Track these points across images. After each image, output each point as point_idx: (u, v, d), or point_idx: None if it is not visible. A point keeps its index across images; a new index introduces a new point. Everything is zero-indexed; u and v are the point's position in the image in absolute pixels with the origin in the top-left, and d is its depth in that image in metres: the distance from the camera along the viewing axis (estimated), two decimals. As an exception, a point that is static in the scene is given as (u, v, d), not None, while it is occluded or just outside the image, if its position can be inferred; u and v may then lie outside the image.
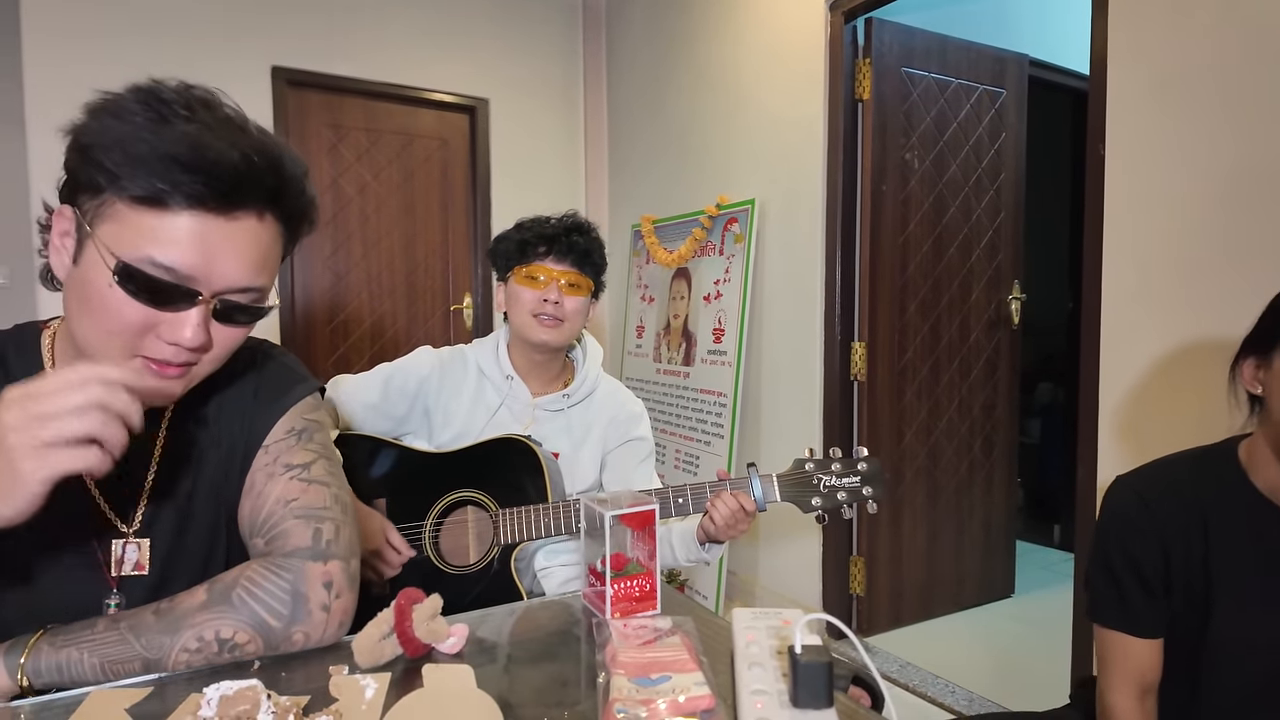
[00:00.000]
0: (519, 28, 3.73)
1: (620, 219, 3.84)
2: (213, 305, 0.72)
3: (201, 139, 0.67)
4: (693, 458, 3.04)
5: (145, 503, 0.82)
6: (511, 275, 1.42)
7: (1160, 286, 1.74)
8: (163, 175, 0.66)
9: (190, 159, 0.66)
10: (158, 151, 0.65)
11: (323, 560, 0.79)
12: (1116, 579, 1.05)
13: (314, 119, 3.32)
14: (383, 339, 3.53)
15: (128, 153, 0.66)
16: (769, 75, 2.87)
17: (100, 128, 0.67)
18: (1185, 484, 1.03)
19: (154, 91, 0.69)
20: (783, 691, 0.64)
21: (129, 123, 0.66)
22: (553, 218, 1.43)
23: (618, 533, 0.88)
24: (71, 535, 0.79)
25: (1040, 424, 4.07)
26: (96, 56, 2.81)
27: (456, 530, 1.33)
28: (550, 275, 1.38)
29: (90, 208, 0.69)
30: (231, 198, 0.69)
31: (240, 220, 0.71)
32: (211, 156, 0.67)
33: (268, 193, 0.73)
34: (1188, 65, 1.67)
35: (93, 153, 0.67)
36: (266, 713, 0.59)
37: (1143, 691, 1.05)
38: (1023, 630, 2.77)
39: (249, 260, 0.72)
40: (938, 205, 2.76)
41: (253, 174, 0.70)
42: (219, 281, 0.71)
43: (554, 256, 1.39)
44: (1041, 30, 3.35)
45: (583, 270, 1.41)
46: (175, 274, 0.68)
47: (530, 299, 1.39)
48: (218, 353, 0.76)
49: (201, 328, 0.71)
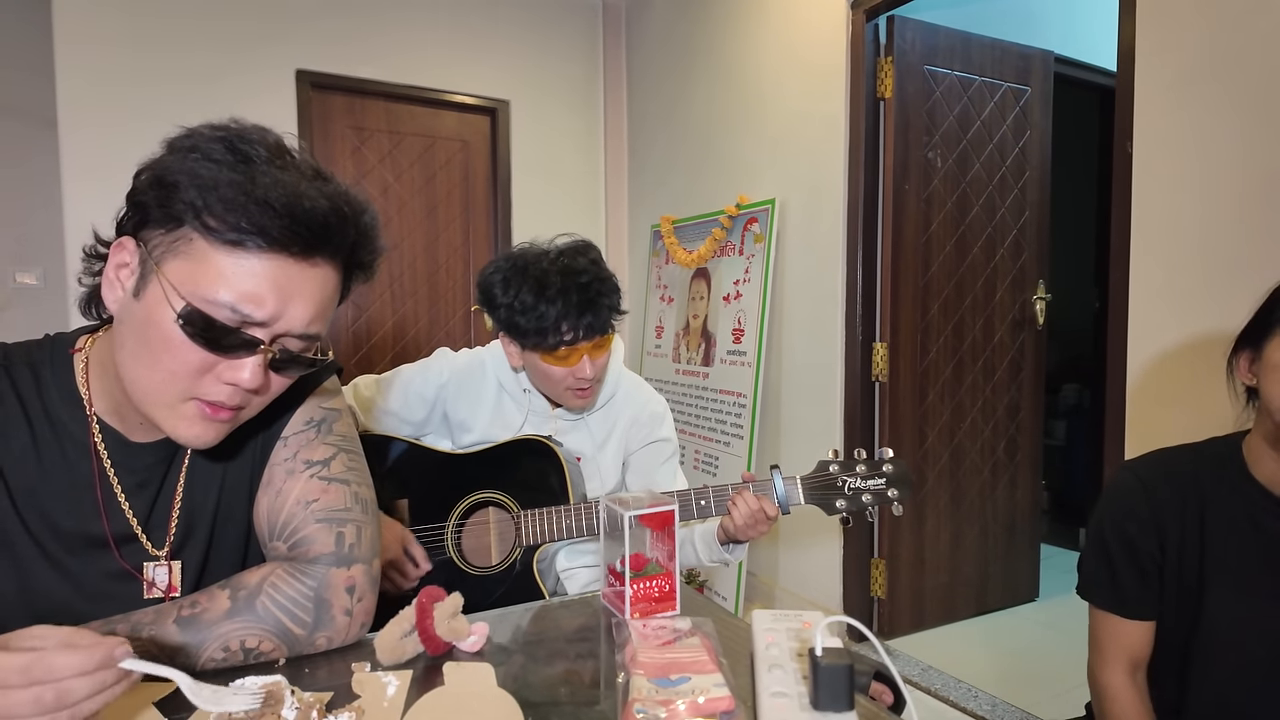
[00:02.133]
0: (539, 29, 3.75)
1: (640, 219, 3.84)
2: (271, 355, 0.71)
3: (297, 186, 0.68)
4: (712, 458, 3.04)
5: (175, 524, 0.82)
6: (530, 348, 1.30)
7: (1189, 286, 1.70)
8: (254, 218, 0.66)
9: (284, 204, 0.67)
10: (252, 195, 0.66)
11: (346, 565, 0.80)
12: (1110, 559, 1.07)
13: (337, 121, 3.36)
14: (404, 340, 3.56)
15: (220, 194, 0.66)
16: (790, 74, 2.86)
17: (186, 165, 0.67)
18: (1186, 471, 1.05)
19: (237, 133, 0.69)
20: (803, 694, 0.64)
21: (216, 162, 0.67)
22: (556, 265, 1.25)
23: (637, 533, 0.88)
24: (105, 558, 0.79)
25: (1065, 426, 4.01)
26: (126, 62, 2.86)
27: (478, 531, 1.34)
28: (579, 352, 1.28)
29: (161, 242, 0.68)
30: (315, 245, 0.70)
31: (318, 267, 0.72)
32: (306, 205, 0.68)
33: (348, 244, 0.74)
34: (1217, 60, 1.64)
35: (179, 190, 0.66)
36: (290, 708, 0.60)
37: (1133, 667, 1.07)
38: (1047, 635, 2.73)
39: (316, 307, 0.72)
40: (961, 204, 2.74)
41: (340, 224, 0.71)
42: (284, 326, 0.71)
43: (583, 335, 1.26)
44: (1067, 26, 3.30)
45: (607, 331, 1.31)
46: (243, 316, 0.68)
47: (561, 376, 1.30)
48: (265, 399, 0.76)
49: (261, 370, 0.70)
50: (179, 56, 2.95)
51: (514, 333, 1.29)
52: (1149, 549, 1.04)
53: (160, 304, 0.67)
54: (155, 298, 0.68)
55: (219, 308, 0.67)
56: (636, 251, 3.88)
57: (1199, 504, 1.03)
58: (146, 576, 0.80)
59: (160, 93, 2.91)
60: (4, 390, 0.75)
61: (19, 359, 0.77)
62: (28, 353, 0.78)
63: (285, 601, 0.76)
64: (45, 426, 0.76)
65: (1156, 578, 1.05)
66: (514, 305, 1.25)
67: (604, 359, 1.34)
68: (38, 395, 0.76)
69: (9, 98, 3.22)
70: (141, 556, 0.80)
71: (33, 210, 3.20)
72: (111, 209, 0.73)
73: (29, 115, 3.19)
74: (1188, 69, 1.69)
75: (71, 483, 0.77)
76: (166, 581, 0.81)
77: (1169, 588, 1.05)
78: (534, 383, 1.38)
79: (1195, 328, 1.69)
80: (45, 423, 0.76)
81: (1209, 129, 1.66)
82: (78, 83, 2.80)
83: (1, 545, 0.74)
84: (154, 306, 0.68)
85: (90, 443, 0.77)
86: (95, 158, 2.81)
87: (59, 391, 0.77)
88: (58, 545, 0.76)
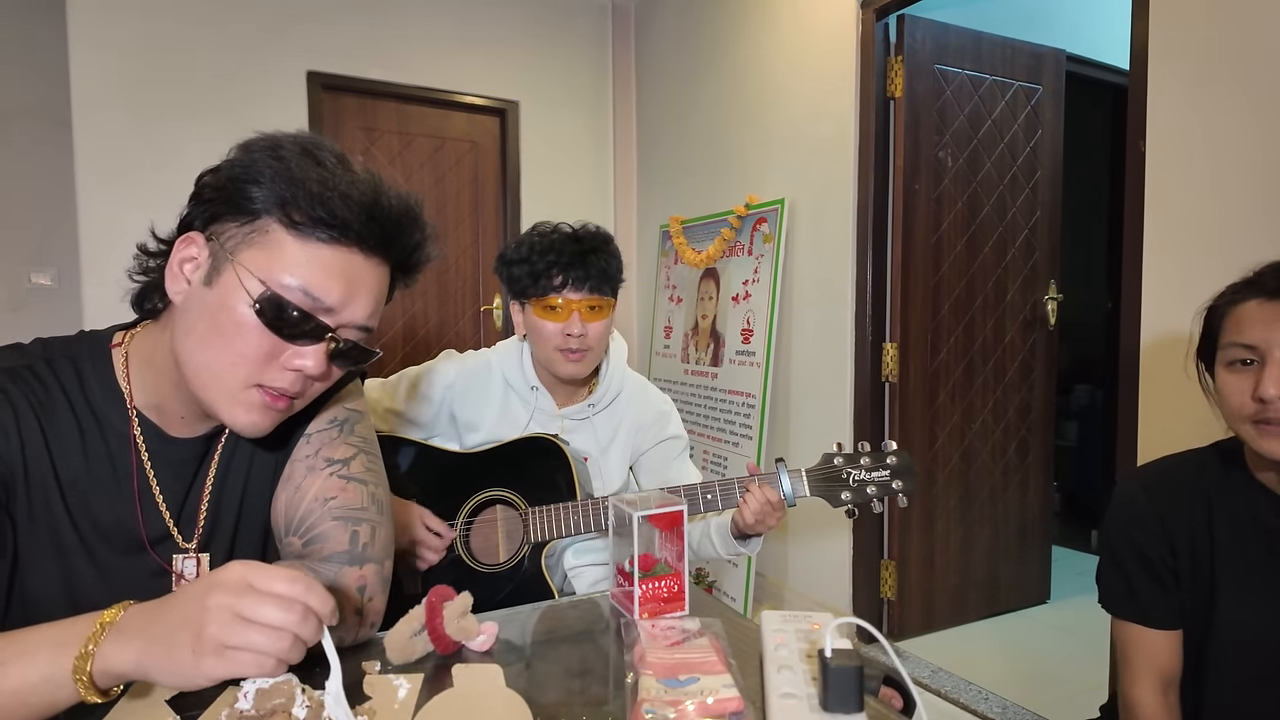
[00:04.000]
0: (548, 30, 3.75)
1: (649, 219, 3.84)
2: (334, 344, 0.74)
3: (376, 189, 0.74)
4: (721, 458, 3.03)
5: (205, 516, 0.84)
6: (528, 303, 1.36)
7: (1203, 286, 1.67)
8: (337, 211, 0.71)
9: (366, 200, 0.72)
10: (337, 190, 0.71)
11: (359, 565, 0.80)
12: (1125, 571, 1.06)
13: (348, 122, 3.37)
14: (414, 339, 3.57)
15: (307, 188, 0.70)
16: (799, 74, 2.85)
17: (271, 163, 0.71)
18: (1190, 475, 1.05)
19: (310, 140, 0.74)
20: (812, 695, 0.64)
21: (298, 163, 0.71)
22: (559, 229, 1.35)
23: (646, 533, 0.88)
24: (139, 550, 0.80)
25: (1077, 427, 3.98)
26: (140, 64, 2.89)
27: (487, 529, 1.34)
28: (570, 305, 1.32)
29: (236, 234, 0.71)
30: (386, 242, 0.76)
31: (381, 264, 0.77)
32: (385, 202, 0.74)
33: (412, 246, 0.79)
34: (1230, 59, 1.63)
35: (263, 184, 0.70)
36: (301, 706, 0.60)
37: (1165, 685, 1.04)
38: (1058, 637, 2.71)
39: (376, 301, 0.77)
40: (972, 204, 2.72)
41: (410, 226, 0.78)
42: (348, 316, 0.74)
43: (572, 284, 1.32)
44: (1079, 24, 3.28)
45: (603, 292, 1.35)
46: (316, 302, 0.71)
47: (552, 332, 1.33)
48: (321, 387, 0.78)
49: (324, 358, 0.74)
50: (191, 59, 2.97)
51: (513, 286, 1.36)
52: (1161, 556, 1.03)
53: (235, 289, 0.70)
54: (230, 284, 0.70)
55: (292, 291, 0.70)
56: (645, 252, 3.88)
57: (1206, 506, 1.01)
58: (176, 568, 0.82)
59: (173, 95, 2.94)
60: (49, 383, 0.76)
61: (60, 353, 0.78)
62: (67, 346, 0.79)
63: None
64: (90, 419, 0.77)
65: (1174, 584, 1.03)
66: (514, 258, 1.35)
67: (599, 326, 1.35)
68: (80, 388, 0.77)
69: (24, 99, 3.25)
70: (172, 549, 0.82)
71: (47, 212, 3.23)
72: (125, 209, 0.74)
73: (44, 117, 3.22)
74: (1201, 68, 1.68)
75: (113, 474, 0.78)
76: (195, 573, 0.82)
77: (1184, 593, 1.03)
78: (533, 349, 1.40)
79: (1209, 328, 1.67)
80: (89, 416, 0.77)
81: (1222, 128, 1.65)
82: (92, 85, 2.82)
83: (47, 533, 0.75)
84: (229, 292, 0.70)
85: (130, 435, 0.79)
86: (109, 159, 2.82)
87: (99, 385, 0.78)
88: (96, 535, 0.77)
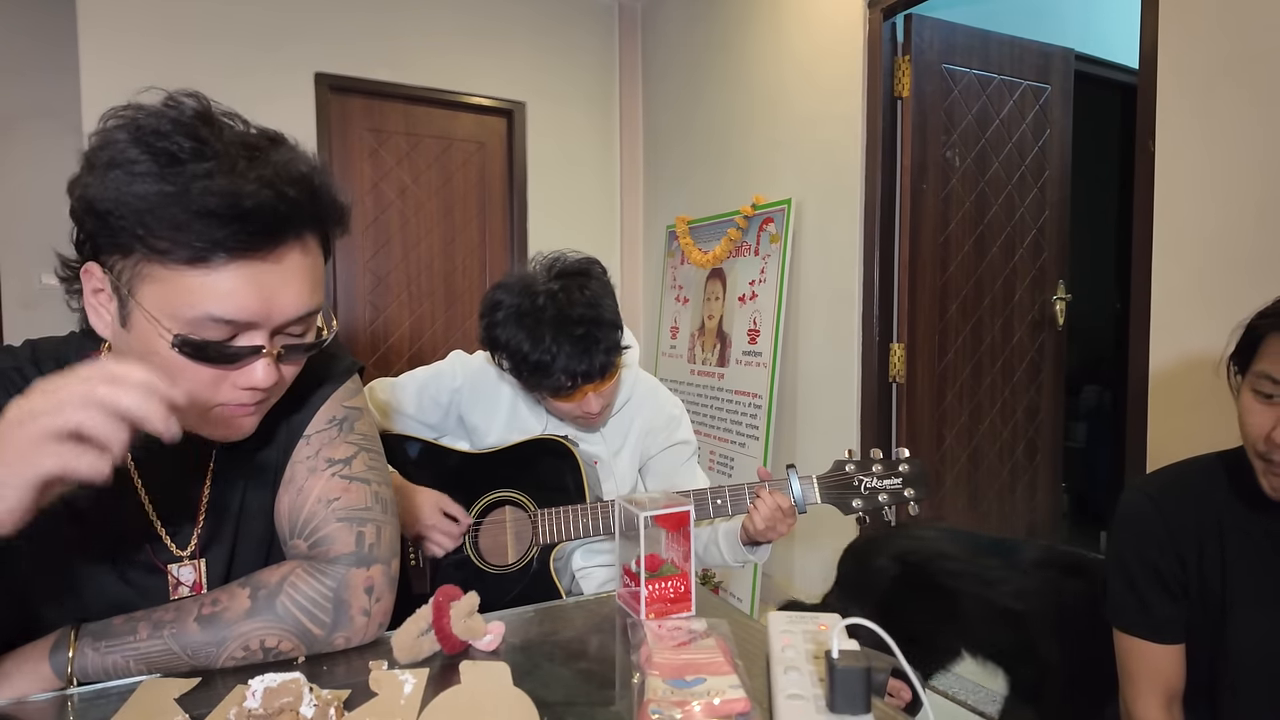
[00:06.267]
0: (555, 31, 3.76)
1: (655, 219, 3.84)
2: (275, 353, 0.70)
3: (232, 186, 0.62)
4: (727, 459, 3.03)
5: (202, 522, 0.82)
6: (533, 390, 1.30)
7: (1212, 286, 1.68)
8: (201, 234, 0.62)
9: (226, 211, 0.61)
10: (189, 209, 0.61)
11: (366, 566, 0.80)
12: (1135, 585, 1.04)
13: (355, 124, 3.38)
14: (421, 340, 3.58)
15: (157, 215, 0.61)
16: (806, 74, 2.84)
17: (113, 188, 0.62)
18: (1199, 486, 1.02)
19: (153, 130, 0.63)
20: (819, 696, 0.63)
21: (141, 178, 0.61)
22: (554, 307, 1.20)
23: (653, 534, 0.88)
24: (130, 557, 0.79)
25: (1086, 428, 3.96)
26: (149, 65, 2.90)
27: (495, 530, 1.34)
28: (583, 392, 1.27)
29: (124, 268, 0.65)
30: (276, 238, 0.66)
31: (288, 257, 0.68)
32: (248, 205, 0.62)
33: (308, 220, 0.70)
34: (1241, 59, 1.62)
35: (114, 218, 0.62)
36: (309, 705, 0.60)
37: (1169, 700, 1.03)
38: (1067, 639, 2.70)
39: (303, 290, 0.70)
40: (980, 204, 2.71)
41: (291, 208, 0.66)
42: (278, 317, 0.69)
43: (581, 379, 1.23)
44: (1087, 23, 3.26)
45: (610, 368, 1.27)
46: (234, 325, 0.66)
47: (568, 409, 1.30)
48: (285, 383, 0.76)
49: (272, 368, 0.70)
50: (199, 61, 2.98)
51: (516, 377, 1.29)
52: (1171, 569, 1.01)
53: (151, 335, 0.65)
54: (144, 329, 0.66)
55: (206, 325, 0.65)
56: (652, 252, 3.88)
57: (1216, 518, 0.99)
58: (172, 575, 0.81)
59: (182, 96, 2.95)
60: None
61: (47, 355, 0.78)
62: (56, 349, 0.79)
63: (305, 601, 0.76)
64: None
65: (1183, 597, 1.01)
66: (512, 352, 1.24)
67: (610, 388, 1.31)
68: None
69: (34, 99, 3.27)
70: (167, 556, 0.81)
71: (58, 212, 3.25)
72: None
73: (54, 116, 3.24)
74: (1211, 68, 1.67)
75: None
76: (193, 579, 0.82)
77: (1194, 606, 1.01)
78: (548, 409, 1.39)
79: (1217, 329, 1.66)
80: None
81: (1232, 128, 1.64)
82: (101, 85, 2.84)
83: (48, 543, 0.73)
84: (147, 338, 0.66)
85: None
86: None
87: None
88: (92, 543, 0.77)
